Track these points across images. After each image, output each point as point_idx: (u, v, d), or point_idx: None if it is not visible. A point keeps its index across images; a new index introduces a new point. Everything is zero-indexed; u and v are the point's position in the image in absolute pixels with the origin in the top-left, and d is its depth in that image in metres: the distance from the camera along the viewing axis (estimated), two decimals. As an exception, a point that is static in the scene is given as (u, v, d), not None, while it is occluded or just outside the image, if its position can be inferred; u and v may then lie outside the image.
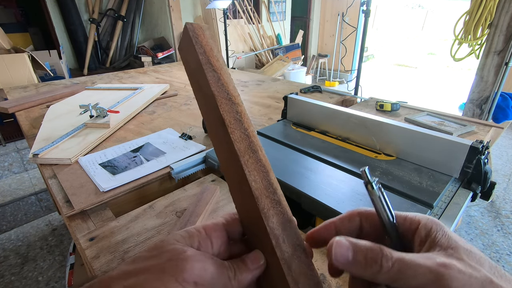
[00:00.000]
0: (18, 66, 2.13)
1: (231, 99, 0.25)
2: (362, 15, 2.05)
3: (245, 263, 0.22)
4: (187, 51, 0.27)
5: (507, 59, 1.90)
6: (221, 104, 0.24)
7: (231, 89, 0.25)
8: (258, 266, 0.22)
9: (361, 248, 0.19)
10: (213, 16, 3.85)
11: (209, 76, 0.24)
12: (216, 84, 0.24)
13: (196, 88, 0.27)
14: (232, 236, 0.24)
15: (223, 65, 0.26)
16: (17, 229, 1.71)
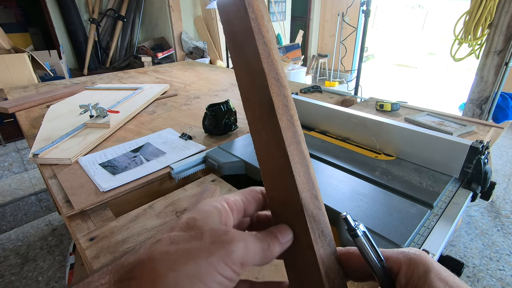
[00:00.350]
0: (18, 66, 2.13)
1: (279, 80, 0.22)
2: (362, 15, 2.05)
3: (275, 236, 0.22)
4: (234, 16, 0.22)
5: (507, 59, 1.90)
6: (271, 85, 0.21)
7: (280, 68, 0.22)
8: (288, 240, 0.23)
9: None
10: (213, 16, 3.85)
11: (260, 49, 0.21)
12: (267, 60, 0.21)
13: (240, 62, 0.23)
14: (246, 214, 0.24)
15: (272, 39, 0.22)
16: (17, 229, 1.71)
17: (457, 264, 0.48)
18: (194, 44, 3.80)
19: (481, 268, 1.43)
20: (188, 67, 2.02)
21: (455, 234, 1.64)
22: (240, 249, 0.19)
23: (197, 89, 1.49)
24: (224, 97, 1.36)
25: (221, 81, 1.66)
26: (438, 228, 0.52)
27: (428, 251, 0.46)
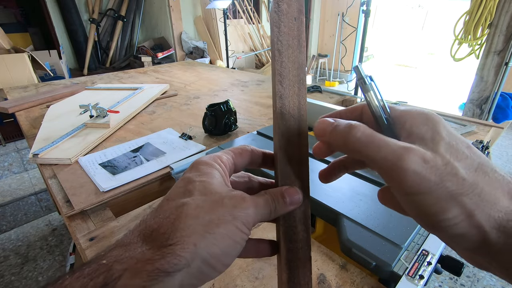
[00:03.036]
0: (18, 66, 2.13)
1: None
2: (362, 15, 2.05)
3: (284, 197, 0.24)
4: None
5: (507, 59, 1.90)
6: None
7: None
8: (295, 203, 0.24)
9: (339, 122, 0.21)
10: (213, 16, 3.85)
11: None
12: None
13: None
14: (237, 170, 0.27)
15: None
16: (17, 229, 1.71)
17: (457, 264, 0.48)
18: (194, 44, 3.80)
19: (481, 268, 1.43)
20: (188, 67, 2.02)
21: (455, 234, 1.64)
22: (254, 213, 0.22)
23: (197, 89, 1.49)
24: (224, 97, 1.36)
25: (221, 81, 1.66)
26: (438, 228, 0.52)
27: (428, 251, 0.46)
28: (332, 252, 0.47)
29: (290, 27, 0.25)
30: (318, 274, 0.43)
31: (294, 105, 0.25)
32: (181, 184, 0.23)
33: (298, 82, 0.25)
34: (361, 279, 0.42)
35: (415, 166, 0.17)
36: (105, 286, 0.17)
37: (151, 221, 0.21)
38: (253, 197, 0.23)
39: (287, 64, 0.25)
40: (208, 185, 0.22)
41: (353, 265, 0.45)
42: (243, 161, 0.27)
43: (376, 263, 0.42)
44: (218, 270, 0.20)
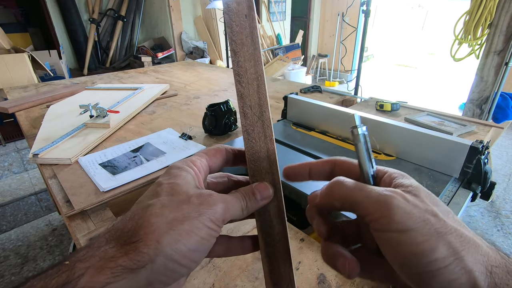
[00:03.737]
0: (18, 66, 2.13)
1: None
2: (362, 15, 2.05)
3: (254, 194, 0.25)
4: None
5: (507, 59, 1.90)
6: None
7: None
8: (266, 198, 0.25)
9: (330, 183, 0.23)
10: (213, 16, 3.85)
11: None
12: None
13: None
14: (212, 171, 0.27)
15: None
16: (17, 229, 1.71)
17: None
18: (194, 44, 3.80)
19: (481, 268, 1.43)
20: (188, 67, 2.02)
21: (455, 234, 1.64)
22: (223, 210, 0.22)
23: (197, 89, 1.49)
24: (224, 97, 1.36)
25: (221, 81, 1.66)
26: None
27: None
28: (332, 252, 0.47)
29: (241, 25, 0.25)
30: (318, 274, 0.43)
31: (255, 103, 0.25)
32: (152, 188, 0.23)
33: (257, 79, 0.25)
34: (361, 279, 0.42)
35: (401, 204, 0.19)
36: (67, 284, 0.17)
37: (118, 223, 0.21)
38: (223, 195, 0.24)
39: (244, 64, 0.25)
40: (175, 186, 0.22)
41: (353, 265, 0.45)
42: (217, 161, 0.27)
43: (376, 263, 0.42)
44: (186, 266, 0.20)
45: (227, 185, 0.29)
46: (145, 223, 0.20)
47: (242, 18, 0.25)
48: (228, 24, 0.25)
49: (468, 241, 0.17)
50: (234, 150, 0.28)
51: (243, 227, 0.52)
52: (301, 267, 0.44)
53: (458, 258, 0.17)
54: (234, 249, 0.27)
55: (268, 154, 0.26)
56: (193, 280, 0.42)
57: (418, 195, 0.20)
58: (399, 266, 0.18)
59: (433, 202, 0.20)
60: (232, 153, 0.28)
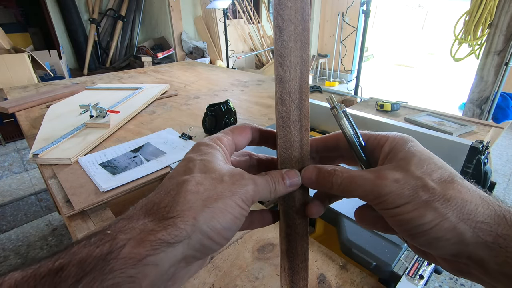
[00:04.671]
0: (18, 66, 2.13)
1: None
2: (362, 15, 2.05)
3: (283, 179, 0.25)
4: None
5: (507, 59, 1.90)
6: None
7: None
8: (294, 185, 0.25)
9: (321, 170, 0.25)
10: (213, 16, 3.85)
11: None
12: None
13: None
14: (237, 149, 0.28)
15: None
16: (17, 229, 1.71)
17: (457, 264, 0.48)
18: (194, 44, 3.80)
19: (481, 268, 1.43)
20: (188, 67, 2.02)
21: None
22: (253, 191, 0.23)
23: (197, 89, 1.49)
24: (224, 97, 1.36)
25: (221, 81, 1.66)
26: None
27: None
28: (332, 252, 0.47)
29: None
30: (318, 274, 0.43)
31: (295, 89, 0.24)
32: (183, 164, 0.24)
33: (301, 63, 0.23)
34: (361, 279, 0.42)
35: (390, 188, 0.21)
36: (110, 254, 0.18)
37: (153, 197, 0.22)
38: (253, 176, 0.24)
39: (288, 44, 0.22)
40: (208, 164, 0.23)
41: (353, 265, 0.45)
42: (243, 140, 0.27)
43: (376, 263, 0.42)
44: (219, 243, 0.21)
45: (249, 163, 0.29)
46: (182, 199, 0.21)
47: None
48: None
49: (455, 203, 0.20)
50: (261, 130, 0.28)
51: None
52: (301, 267, 0.44)
53: (443, 219, 0.20)
54: (256, 222, 0.28)
55: (302, 144, 0.25)
56: (193, 280, 0.42)
57: (408, 169, 0.22)
58: (397, 228, 0.22)
59: (425, 170, 0.21)
60: (258, 133, 0.28)
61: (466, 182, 0.22)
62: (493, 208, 0.20)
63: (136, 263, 0.18)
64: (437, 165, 0.22)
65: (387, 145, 0.25)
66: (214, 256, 0.47)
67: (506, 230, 0.19)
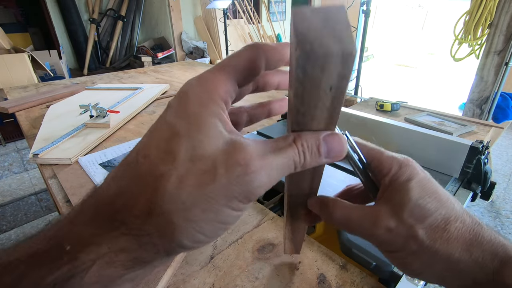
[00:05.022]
0: (18, 66, 2.13)
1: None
2: (362, 15, 2.05)
3: (319, 149, 0.18)
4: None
5: (507, 59, 1.90)
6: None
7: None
8: (336, 157, 0.19)
9: (323, 202, 0.25)
10: (213, 16, 3.85)
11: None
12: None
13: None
14: (239, 96, 0.20)
15: None
16: (17, 229, 1.71)
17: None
18: (194, 44, 3.81)
19: (481, 268, 1.43)
20: (188, 67, 2.02)
21: (455, 234, 1.64)
22: (261, 186, 0.16)
23: (197, 89, 1.49)
24: (224, 97, 1.36)
25: (221, 81, 1.66)
26: (438, 228, 0.52)
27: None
28: (332, 252, 0.47)
29: (318, 97, 0.16)
30: (318, 274, 0.43)
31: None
32: (165, 135, 0.16)
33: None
34: (361, 279, 0.42)
35: (384, 237, 0.22)
36: (72, 279, 0.14)
37: (117, 193, 0.16)
38: (270, 156, 0.16)
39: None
40: (198, 144, 0.16)
41: (353, 265, 0.45)
42: (246, 81, 0.19)
43: (376, 263, 0.42)
44: (200, 247, 0.17)
45: (245, 121, 0.23)
46: (158, 209, 0.15)
47: (323, 91, 0.16)
48: (297, 90, 0.16)
49: (440, 255, 0.21)
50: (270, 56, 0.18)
51: (243, 227, 0.52)
52: (301, 267, 0.44)
53: (429, 269, 0.22)
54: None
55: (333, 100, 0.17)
56: (193, 280, 0.42)
57: (402, 216, 0.22)
58: (389, 259, 0.25)
59: (418, 218, 0.22)
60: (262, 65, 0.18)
61: (458, 223, 0.22)
62: (475, 258, 0.21)
63: (107, 285, 0.15)
64: (431, 208, 0.22)
65: (388, 178, 0.23)
66: (214, 256, 0.47)
67: (481, 279, 0.21)
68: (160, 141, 0.16)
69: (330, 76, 0.16)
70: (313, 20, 0.16)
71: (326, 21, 0.16)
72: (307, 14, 0.16)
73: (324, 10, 0.16)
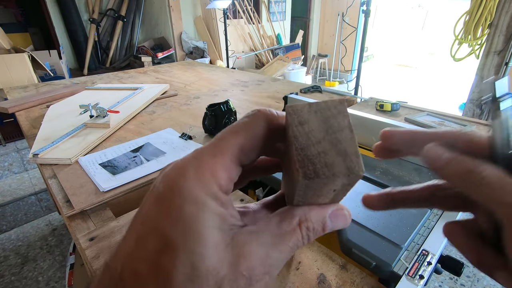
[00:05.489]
0: (18, 66, 2.13)
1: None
2: (362, 15, 2.05)
3: (324, 228, 0.16)
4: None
5: (507, 59, 1.90)
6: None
7: None
8: (342, 227, 0.17)
9: (462, 158, 0.16)
10: (213, 16, 3.85)
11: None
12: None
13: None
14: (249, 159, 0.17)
15: None
16: (17, 229, 1.71)
17: (457, 263, 0.48)
18: (194, 44, 3.81)
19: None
20: (188, 67, 2.02)
21: (455, 234, 1.64)
22: (267, 285, 0.15)
23: (197, 89, 1.49)
24: (224, 97, 1.36)
25: (221, 81, 1.66)
26: (438, 228, 0.52)
27: (428, 251, 0.46)
28: (332, 252, 0.47)
29: (322, 192, 0.16)
30: (318, 274, 0.43)
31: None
32: (155, 246, 0.13)
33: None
34: (361, 279, 0.42)
35: None
36: None
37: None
38: (274, 254, 0.15)
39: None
40: (198, 259, 0.13)
41: (353, 265, 0.45)
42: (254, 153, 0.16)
43: (376, 263, 0.42)
44: None
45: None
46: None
47: (326, 192, 0.16)
48: (299, 188, 0.15)
49: None
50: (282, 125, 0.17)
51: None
52: (301, 267, 0.44)
53: None
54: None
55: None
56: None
57: None
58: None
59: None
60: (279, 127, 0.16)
61: None
62: None
63: None
64: None
65: None
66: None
67: None
68: (150, 254, 0.13)
69: (334, 186, 0.15)
70: (311, 123, 0.14)
71: (326, 124, 0.14)
72: (304, 115, 0.14)
73: (322, 108, 0.15)
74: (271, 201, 0.21)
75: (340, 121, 0.14)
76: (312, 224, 0.16)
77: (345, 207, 0.17)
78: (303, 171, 0.14)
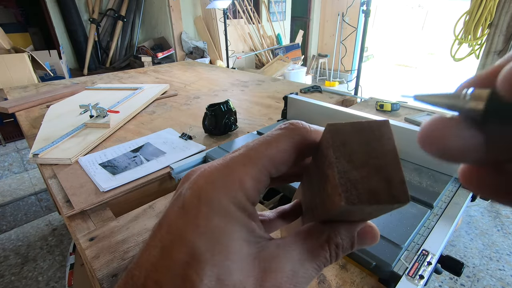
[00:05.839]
0: (18, 66, 2.13)
1: None
2: (362, 15, 2.05)
3: (353, 246, 0.16)
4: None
5: (507, 59, 1.90)
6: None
7: None
8: (370, 245, 0.17)
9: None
10: (213, 16, 3.85)
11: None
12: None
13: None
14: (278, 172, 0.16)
15: None
16: (17, 229, 1.71)
17: (457, 264, 0.48)
18: (194, 44, 3.80)
19: (481, 268, 1.43)
20: (188, 67, 2.02)
21: (455, 234, 1.64)
22: (284, 273, 0.14)
23: (197, 89, 1.49)
24: (224, 97, 1.36)
25: (221, 81, 1.66)
26: (438, 228, 0.52)
27: (428, 251, 0.46)
28: (332, 252, 0.47)
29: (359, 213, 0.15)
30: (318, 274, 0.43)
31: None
32: (181, 257, 0.13)
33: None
34: (361, 279, 0.42)
35: None
36: None
37: None
38: (301, 270, 0.14)
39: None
40: (224, 272, 0.13)
41: (353, 265, 0.45)
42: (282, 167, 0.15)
43: (376, 263, 0.42)
44: None
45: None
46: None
47: (359, 215, 0.15)
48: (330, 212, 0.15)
49: None
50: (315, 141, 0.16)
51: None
52: (301, 267, 0.44)
53: None
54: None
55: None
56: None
57: None
58: None
59: None
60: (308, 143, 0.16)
61: None
62: None
63: None
64: None
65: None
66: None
67: None
68: (176, 265, 0.13)
69: (371, 210, 0.14)
70: (354, 144, 0.13)
71: (369, 147, 0.14)
72: (346, 135, 0.14)
73: (365, 128, 0.14)
74: (287, 211, 0.20)
75: (384, 144, 0.14)
76: (342, 242, 0.15)
77: (374, 225, 0.17)
78: (345, 196, 0.13)
